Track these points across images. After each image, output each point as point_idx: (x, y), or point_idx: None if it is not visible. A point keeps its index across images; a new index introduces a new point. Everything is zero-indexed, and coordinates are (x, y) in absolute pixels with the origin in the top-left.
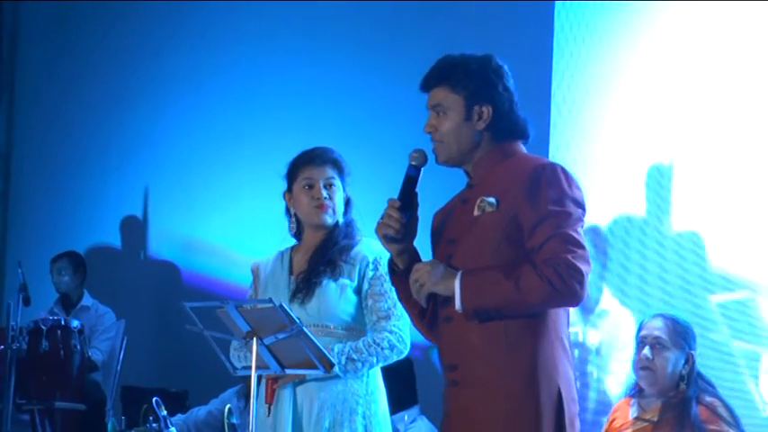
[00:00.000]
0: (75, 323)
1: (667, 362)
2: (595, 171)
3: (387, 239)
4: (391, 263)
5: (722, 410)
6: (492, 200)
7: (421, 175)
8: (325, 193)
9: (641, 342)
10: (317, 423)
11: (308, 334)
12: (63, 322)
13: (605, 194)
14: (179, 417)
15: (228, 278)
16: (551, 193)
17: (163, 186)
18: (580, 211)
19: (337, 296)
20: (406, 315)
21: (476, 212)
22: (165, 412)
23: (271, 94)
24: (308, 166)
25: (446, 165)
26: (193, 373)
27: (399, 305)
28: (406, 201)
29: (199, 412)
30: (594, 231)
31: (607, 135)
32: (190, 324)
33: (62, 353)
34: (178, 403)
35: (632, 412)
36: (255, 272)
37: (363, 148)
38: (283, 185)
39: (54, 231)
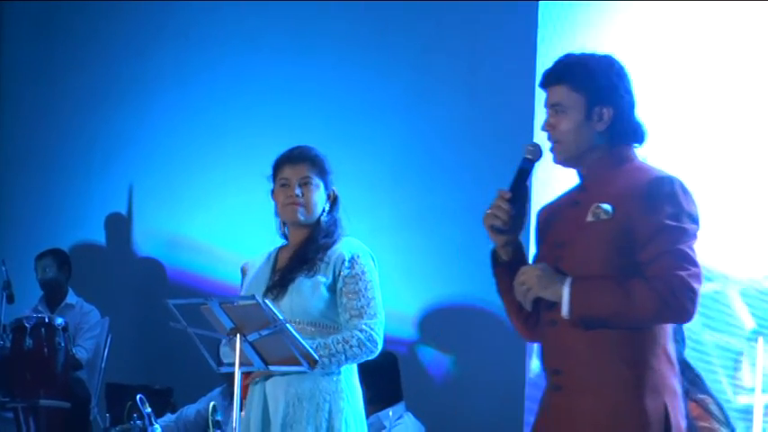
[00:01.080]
0: (60, 321)
1: None
2: None
3: (493, 230)
4: (494, 254)
5: (713, 407)
6: (608, 207)
7: (534, 168)
8: (298, 191)
9: None
10: (282, 418)
11: (292, 330)
12: (47, 320)
13: None
14: (169, 416)
15: (214, 275)
16: (668, 208)
17: (148, 184)
18: (695, 226)
19: (310, 293)
20: (380, 314)
21: (589, 218)
22: (149, 409)
23: (255, 92)
24: (284, 166)
25: (562, 165)
26: (178, 370)
27: (374, 304)
28: (517, 193)
29: (188, 411)
30: None
31: None
32: (174, 321)
33: (46, 350)
34: (162, 400)
35: None
36: (244, 271)
37: (348, 145)
38: (269, 183)
39: (39, 229)
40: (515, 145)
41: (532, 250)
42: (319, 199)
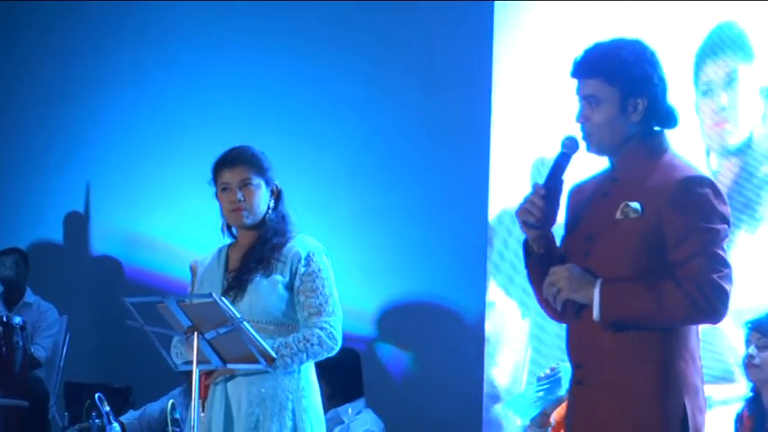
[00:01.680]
0: (18, 319)
1: None
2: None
3: (527, 225)
4: (527, 245)
5: None
6: (637, 206)
7: (570, 162)
8: (239, 195)
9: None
10: (246, 418)
11: (249, 328)
12: (5, 319)
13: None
14: (132, 413)
15: (171, 273)
16: (700, 209)
17: (105, 182)
18: (726, 227)
19: (268, 293)
20: (338, 311)
21: (618, 215)
22: (108, 408)
23: (211, 90)
24: (223, 170)
25: (596, 154)
26: (137, 368)
27: (332, 301)
28: (552, 187)
29: (152, 409)
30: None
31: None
32: (131, 320)
33: (4, 350)
34: (121, 399)
35: None
36: (194, 269)
37: (305, 141)
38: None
39: None
40: (473, 140)
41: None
42: (262, 198)
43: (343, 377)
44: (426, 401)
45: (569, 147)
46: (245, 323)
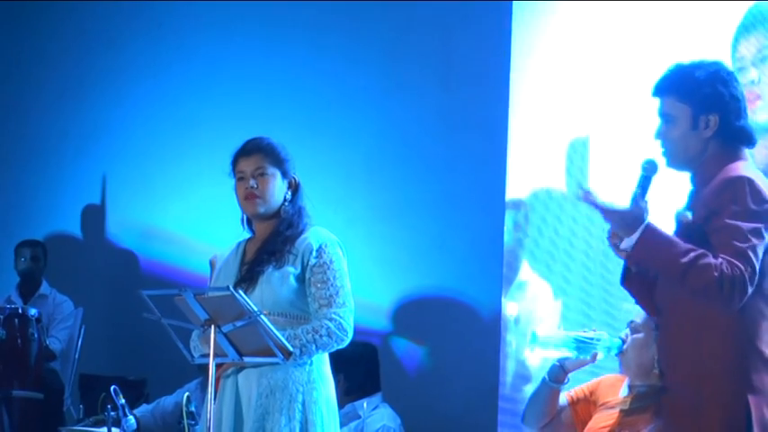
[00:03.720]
0: (33, 311)
1: (635, 347)
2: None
3: (617, 248)
4: (627, 267)
5: None
6: (689, 214)
7: (651, 183)
8: (252, 183)
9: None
10: (255, 410)
11: (266, 322)
12: (20, 311)
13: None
14: (144, 407)
15: (187, 266)
16: (733, 207)
17: (121, 175)
18: (760, 225)
19: (279, 284)
20: (349, 303)
21: (674, 225)
22: (123, 400)
23: (228, 83)
24: (239, 159)
25: (675, 169)
26: (152, 361)
27: (343, 293)
28: None
29: (166, 402)
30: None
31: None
32: (148, 312)
33: (19, 341)
34: (136, 392)
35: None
36: (213, 264)
37: (322, 135)
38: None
39: (13, 220)
40: (490, 135)
41: None
42: (277, 188)
43: (361, 372)
44: (441, 395)
45: (649, 170)
46: (262, 316)
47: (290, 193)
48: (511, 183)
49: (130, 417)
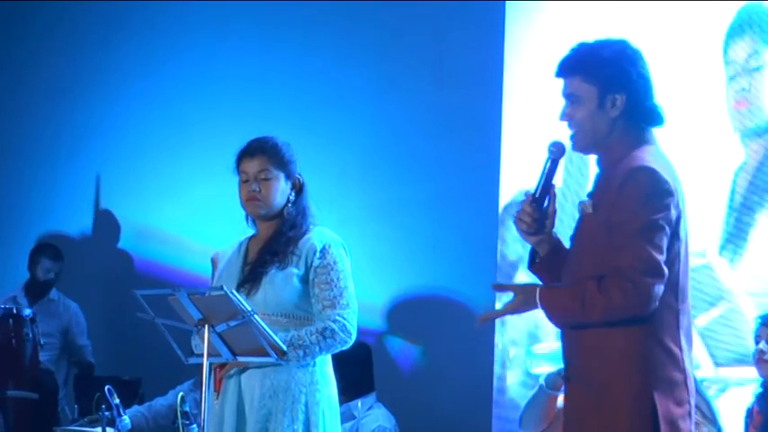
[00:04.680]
0: (27, 311)
1: None
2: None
3: (523, 233)
4: (533, 252)
5: (700, 403)
6: (590, 202)
7: (558, 166)
8: (255, 186)
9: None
10: (258, 411)
11: (260, 321)
12: (15, 311)
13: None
14: (137, 408)
15: (182, 265)
16: (634, 197)
17: (115, 174)
18: (660, 215)
19: (283, 285)
20: (353, 304)
21: (579, 214)
22: (117, 400)
23: (222, 82)
24: (243, 160)
25: (583, 152)
26: (146, 361)
27: (346, 294)
28: (543, 194)
29: (160, 403)
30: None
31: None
32: (142, 312)
33: (14, 341)
34: (131, 391)
35: None
36: (215, 261)
37: (316, 135)
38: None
39: (6, 220)
40: (484, 135)
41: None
42: (279, 191)
43: (356, 372)
44: (436, 395)
45: (556, 152)
46: (255, 316)
47: (293, 193)
48: (504, 182)
49: (125, 416)
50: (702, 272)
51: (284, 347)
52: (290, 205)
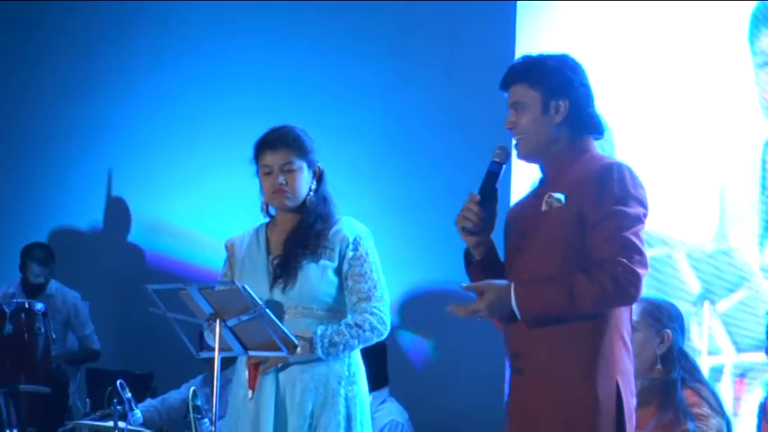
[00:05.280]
0: (39, 306)
1: (636, 344)
2: None
3: (465, 231)
4: (467, 254)
5: (708, 395)
6: (560, 196)
7: (502, 171)
8: (281, 179)
9: None
10: (299, 405)
11: (271, 316)
12: (27, 305)
13: None
14: (150, 402)
15: (193, 260)
16: (615, 192)
17: (127, 169)
18: (642, 210)
19: (319, 278)
20: (387, 296)
21: (543, 207)
22: (129, 394)
23: (233, 77)
24: (265, 152)
25: (527, 159)
26: (158, 355)
27: (380, 285)
28: (487, 195)
29: (173, 397)
30: None
31: None
32: (153, 306)
33: (26, 336)
34: (143, 385)
35: None
36: (230, 248)
37: (327, 130)
38: (248, 167)
39: (18, 215)
40: (495, 131)
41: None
42: (304, 181)
43: (371, 366)
44: (448, 389)
45: (500, 155)
46: (267, 310)
47: (314, 182)
48: (515, 177)
49: (137, 411)
50: (722, 257)
51: (296, 341)
52: (312, 194)
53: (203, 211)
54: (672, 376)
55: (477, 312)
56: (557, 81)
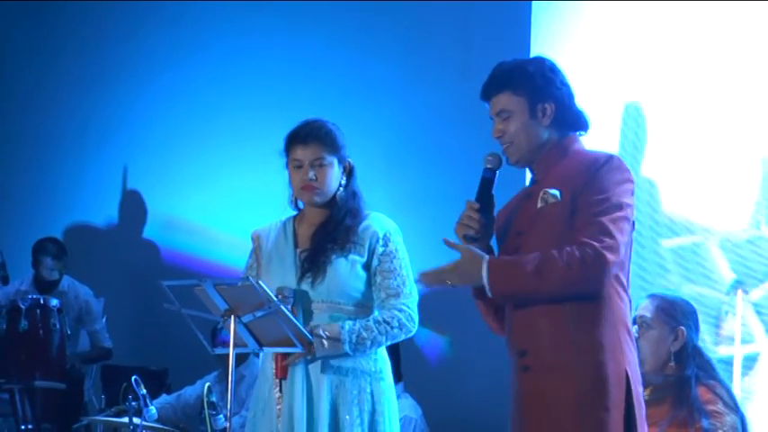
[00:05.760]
0: (55, 302)
1: (650, 341)
2: None
3: (466, 239)
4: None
5: (722, 392)
6: (555, 192)
7: (497, 177)
8: (311, 174)
9: (633, 323)
10: (327, 401)
11: (286, 312)
12: (42, 301)
13: None
14: (165, 398)
15: (208, 256)
16: (600, 181)
17: (142, 165)
18: (626, 200)
19: (348, 272)
20: (415, 293)
21: (539, 204)
22: (144, 391)
23: (248, 73)
24: (296, 146)
25: (518, 165)
26: (173, 351)
27: (409, 282)
28: (484, 202)
29: (188, 393)
30: None
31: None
32: (168, 303)
33: (41, 332)
34: (158, 382)
35: None
36: (256, 240)
37: (341, 126)
38: (263, 163)
39: (33, 211)
40: None
41: None
42: (334, 177)
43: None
44: (462, 385)
45: (493, 162)
46: (282, 306)
47: (344, 177)
48: (530, 175)
49: (152, 407)
50: (756, 245)
51: (310, 337)
52: (341, 189)
53: (218, 208)
54: (686, 373)
55: (444, 276)
56: (539, 84)
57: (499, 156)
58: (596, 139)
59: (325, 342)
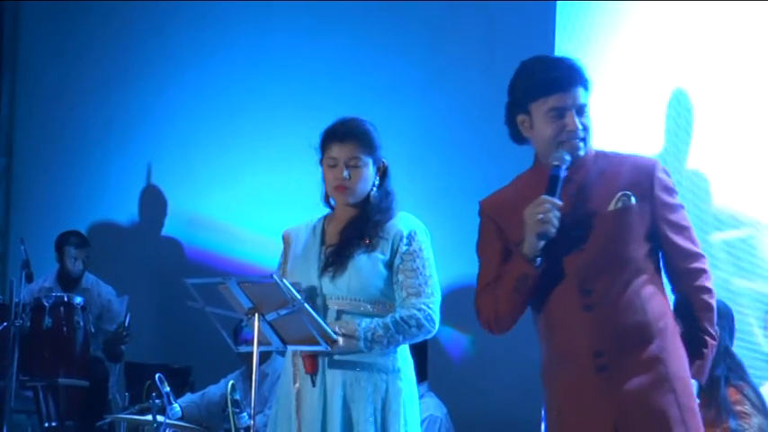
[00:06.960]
0: (78, 299)
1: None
2: None
3: (544, 237)
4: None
5: (751, 393)
6: (632, 195)
7: (563, 175)
8: (345, 174)
9: None
10: (339, 397)
11: (310, 310)
12: (66, 299)
13: None
14: (189, 396)
15: (232, 254)
16: (672, 188)
17: (165, 163)
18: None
19: (369, 270)
20: (438, 293)
21: (615, 205)
22: (168, 388)
23: (272, 72)
24: (332, 144)
25: (578, 159)
26: (197, 349)
27: (432, 282)
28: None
29: (213, 391)
30: None
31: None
32: (192, 300)
33: (65, 329)
34: (181, 380)
35: None
36: (287, 239)
37: None
38: (285, 162)
39: (57, 208)
40: None
41: None
42: (368, 178)
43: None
44: (486, 383)
45: (559, 159)
46: (305, 305)
47: (378, 178)
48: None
49: (175, 405)
50: None
51: (334, 336)
52: (374, 189)
53: (241, 206)
54: (716, 374)
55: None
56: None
57: (563, 154)
58: (625, 138)
59: (340, 339)
